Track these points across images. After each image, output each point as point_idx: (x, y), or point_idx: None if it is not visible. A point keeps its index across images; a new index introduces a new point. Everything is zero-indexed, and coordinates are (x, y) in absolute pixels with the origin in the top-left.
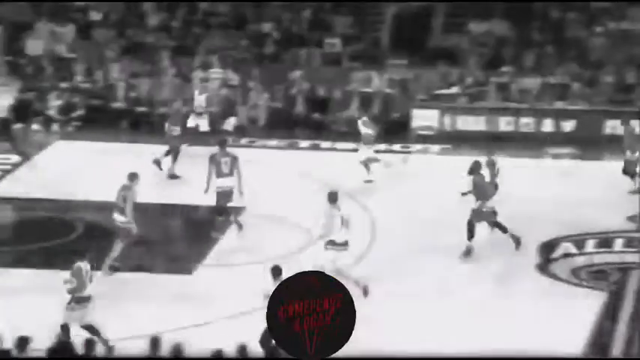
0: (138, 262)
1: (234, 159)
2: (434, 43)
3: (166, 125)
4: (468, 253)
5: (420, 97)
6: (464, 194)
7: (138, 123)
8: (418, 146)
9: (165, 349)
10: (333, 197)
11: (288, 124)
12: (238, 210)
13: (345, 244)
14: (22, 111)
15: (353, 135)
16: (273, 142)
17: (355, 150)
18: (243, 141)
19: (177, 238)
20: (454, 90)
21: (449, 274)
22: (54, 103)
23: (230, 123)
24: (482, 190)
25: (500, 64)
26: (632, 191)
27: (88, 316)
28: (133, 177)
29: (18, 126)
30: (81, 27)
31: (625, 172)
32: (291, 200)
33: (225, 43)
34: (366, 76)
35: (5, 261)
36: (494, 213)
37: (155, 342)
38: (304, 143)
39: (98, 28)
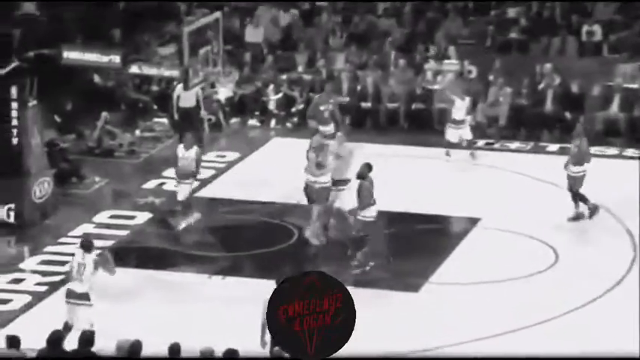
0: (355, 275)
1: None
2: None
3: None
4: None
5: None
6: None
7: (362, 119)
8: None
9: None
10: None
11: (534, 124)
12: (472, 221)
13: (344, 182)
14: (239, 104)
15: (612, 138)
16: (515, 145)
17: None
18: (480, 142)
19: (400, 250)
20: None
21: None
22: (272, 96)
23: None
24: (363, 197)
25: None
26: (571, 218)
27: (77, 315)
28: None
29: (234, 121)
30: (304, 12)
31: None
32: (534, 212)
33: (463, 30)
34: (633, 69)
35: (217, 268)
36: (373, 223)
37: None
38: (552, 147)
39: (323, 13)
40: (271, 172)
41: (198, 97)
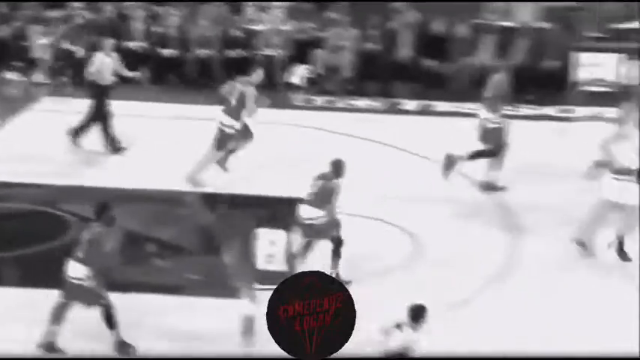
0: (177, 280)
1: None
2: None
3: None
4: None
5: (588, 34)
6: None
7: (164, 72)
8: (584, 110)
9: None
10: None
11: (386, 76)
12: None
13: None
14: None
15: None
16: (364, 102)
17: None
18: (319, 100)
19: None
20: None
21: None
22: (38, 40)
23: (298, 73)
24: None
25: None
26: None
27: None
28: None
29: None
30: None
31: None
32: (391, 191)
33: None
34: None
35: None
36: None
37: None
38: (411, 104)
39: None
40: (38, 143)
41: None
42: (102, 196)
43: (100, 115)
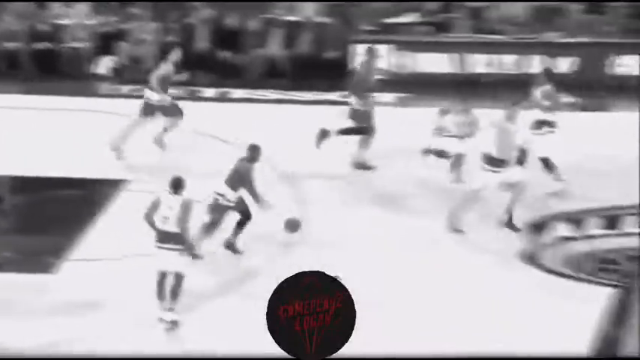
0: None
1: None
2: None
3: None
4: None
5: (364, 28)
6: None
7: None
8: None
9: None
10: None
11: (187, 66)
12: (120, 183)
13: None
14: None
15: (275, 80)
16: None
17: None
18: (125, 89)
19: (36, 225)
20: (411, 18)
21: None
22: None
23: (105, 64)
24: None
25: None
26: None
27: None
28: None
29: None
30: None
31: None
32: (191, 171)
33: None
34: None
35: None
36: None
37: None
38: (209, 92)
39: None
40: None
41: None
42: None
43: None
